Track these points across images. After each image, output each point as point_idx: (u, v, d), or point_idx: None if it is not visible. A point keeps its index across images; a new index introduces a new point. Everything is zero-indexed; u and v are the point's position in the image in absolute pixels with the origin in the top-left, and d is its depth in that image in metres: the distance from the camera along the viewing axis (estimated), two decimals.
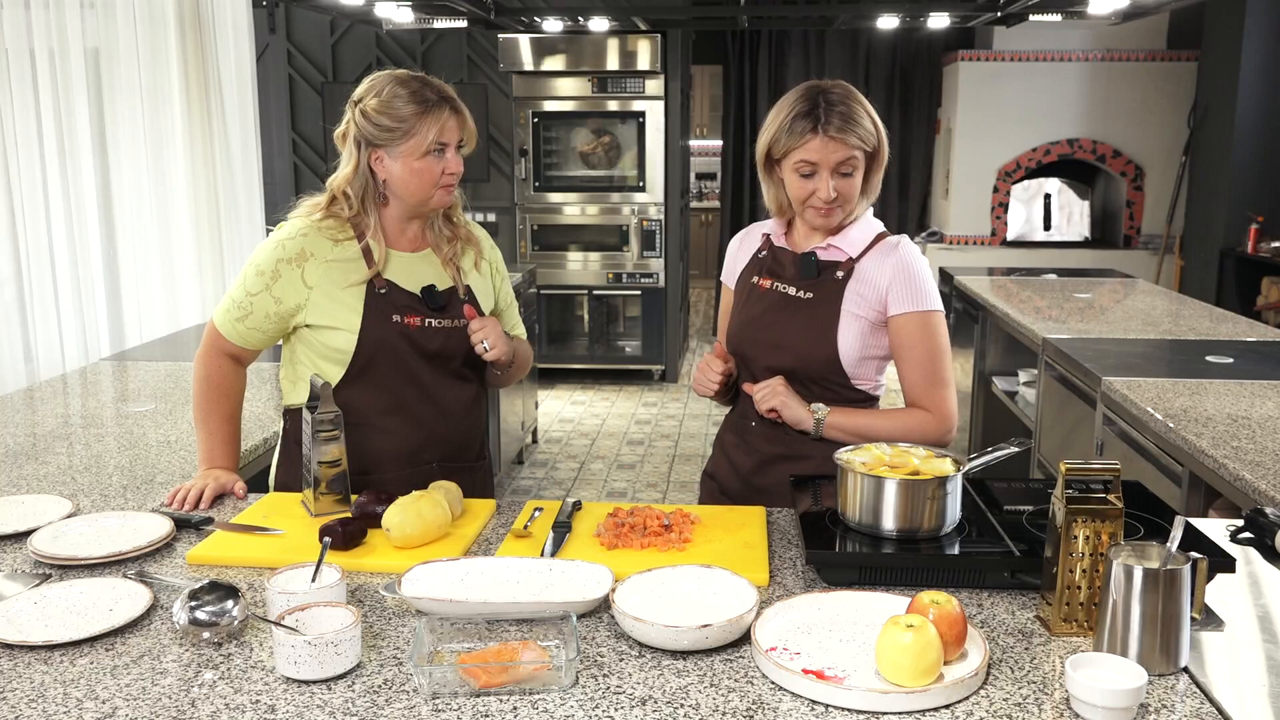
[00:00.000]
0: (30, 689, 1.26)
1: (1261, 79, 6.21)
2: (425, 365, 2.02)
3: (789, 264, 2.06)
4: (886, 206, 8.20)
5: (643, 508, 1.77)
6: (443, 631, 1.36)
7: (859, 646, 1.34)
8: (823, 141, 1.90)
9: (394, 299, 1.99)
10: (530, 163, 6.92)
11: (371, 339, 1.97)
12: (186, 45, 4.44)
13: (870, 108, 1.96)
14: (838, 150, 1.90)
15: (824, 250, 2.03)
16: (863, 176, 1.96)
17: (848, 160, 1.92)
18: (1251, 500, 2.01)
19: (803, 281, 2.02)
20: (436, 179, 1.98)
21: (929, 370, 1.98)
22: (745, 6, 6.74)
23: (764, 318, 2.05)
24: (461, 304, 2.05)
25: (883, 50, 7.90)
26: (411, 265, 2.04)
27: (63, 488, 2.01)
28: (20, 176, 3.74)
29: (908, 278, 1.97)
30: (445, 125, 1.97)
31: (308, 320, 1.97)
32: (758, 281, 2.09)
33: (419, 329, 2.00)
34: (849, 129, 1.90)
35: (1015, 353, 4.34)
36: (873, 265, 1.99)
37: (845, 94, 1.94)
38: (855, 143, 1.91)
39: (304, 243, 1.97)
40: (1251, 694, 1.28)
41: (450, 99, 2.00)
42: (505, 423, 4.92)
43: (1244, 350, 3.28)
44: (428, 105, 1.95)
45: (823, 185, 1.93)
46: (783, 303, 2.03)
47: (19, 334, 3.78)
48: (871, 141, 1.94)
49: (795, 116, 1.92)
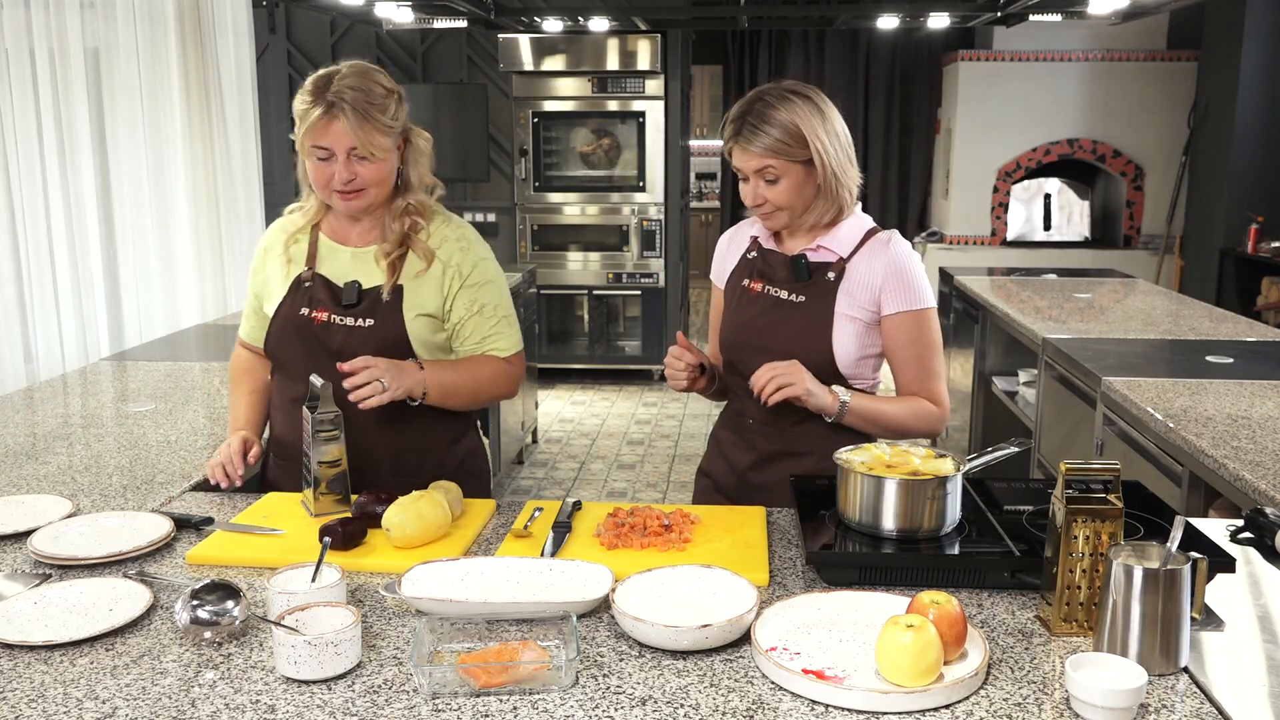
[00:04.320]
0: (30, 689, 1.26)
1: (1261, 79, 6.21)
2: (331, 364, 1.89)
3: (779, 266, 2.05)
4: (886, 207, 8.21)
5: (643, 508, 1.78)
6: (443, 631, 1.36)
7: (859, 646, 1.34)
8: (740, 150, 1.93)
9: (314, 292, 2.00)
10: (530, 163, 6.92)
11: (278, 328, 2.02)
12: (186, 45, 4.44)
13: (803, 112, 1.90)
14: (751, 159, 1.92)
15: (814, 251, 2.02)
16: (800, 181, 1.93)
17: (764, 168, 1.92)
18: (1251, 500, 2.00)
19: (794, 285, 2.01)
20: (326, 181, 1.90)
21: (924, 366, 2.01)
22: (745, 6, 6.74)
23: (756, 322, 2.03)
24: (384, 304, 1.96)
25: (883, 50, 7.90)
26: (350, 259, 2.01)
27: (63, 488, 2.01)
28: (20, 176, 3.73)
29: (901, 277, 1.97)
30: (328, 129, 1.85)
31: (264, 309, 2.07)
32: (749, 285, 2.07)
33: (322, 325, 1.97)
34: (753, 138, 1.90)
35: (1015, 353, 4.34)
36: (864, 264, 1.98)
37: (770, 100, 1.91)
38: (758, 150, 1.90)
39: (270, 238, 2.10)
40: (1251, 694, 1.28)
41: (346, 103, 1.84)
42: (505, 423, 4.92)
43: (1244, 350, 3.28)
44: (315, 103, 1.85)
45: (749, 191, 1.96)
46: (775, 307, 2.02)
47: (19, 334, 3.77)
48: (787, 150, 1.89)
49: (726, 123, 1.96)
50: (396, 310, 1.98)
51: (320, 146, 1.87)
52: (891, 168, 8.14)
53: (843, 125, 1.98)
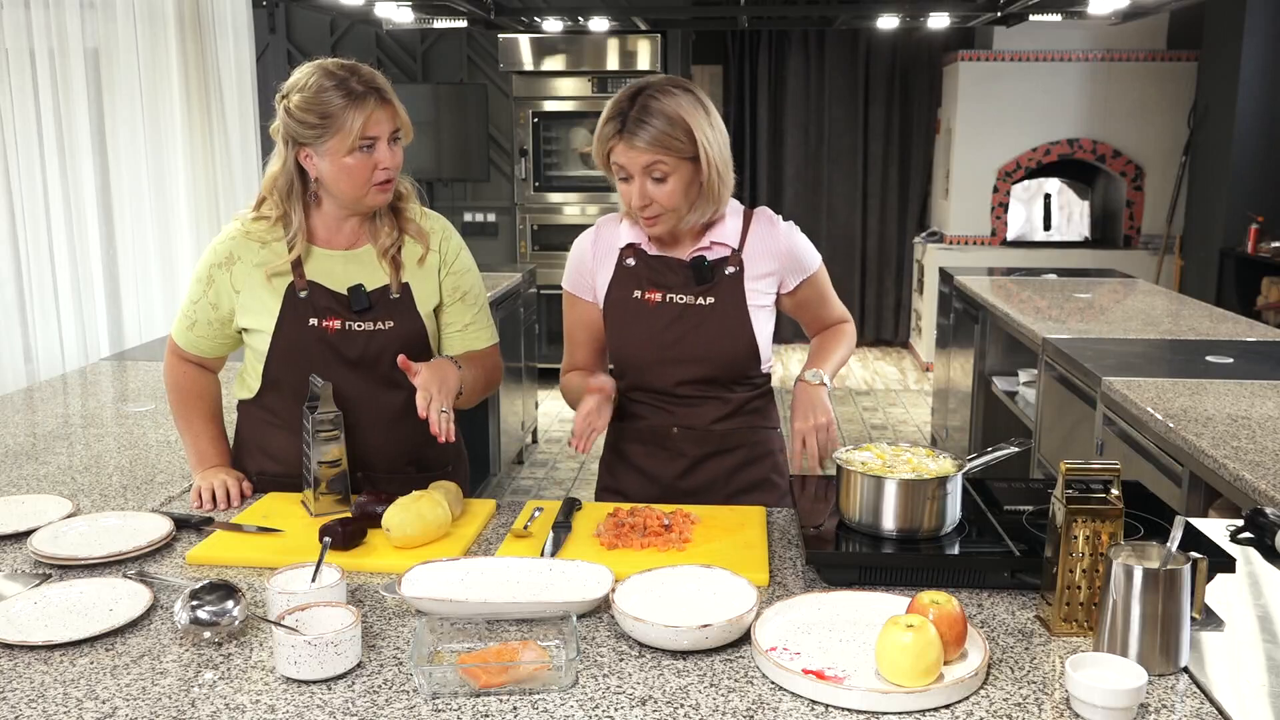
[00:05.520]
0: (30, 689, 1.26)
1: (1261, 79, 6.20)
2: (348, 372, 1.91)
3: (673, 271, 1.97)
4: (886, 207, 8.20)
5: (642, 508, 1.77)
6: (443, 631, 1.36)
7: (859, 646, 1.33)
8: (625, 146, 1.83)
9: (315, 301, 1.91)
10: (530, 163, 6.92)
11: (285, 344, 1.91)
12: (186, 45, 4.44)
13: (687, 105, 1.84)
14: (638, 155, 1.82)
15: (708, 250, 1.98)
16: (688, 180, 1.86)
17: (653, 164, 1.83)
18: (1251, 500, 2.00)
19: (698, 287, 1.96)
20: (368, 176, 1.85)
21: (829, 305, 2.12)
22: (745, 6, 6.74)
23: (666, 334, 1.96)
24: (392, 302, 1.94)
25: (883, 50, 7.90)
26: (343, 264, 1.94)
27: (63, 488, 2.01)
28: (20, 176, 3.74)
29: (797, 257, 2.02)
30: (371, 117, 1.82)
31: (241, 324, 1.95)
32: (643, 296, 1.97)
33: (338, 333, 1.90)
34: (639, 131, 1.81)
35: (1015, 353, 4.34)
36: (757, 253, 1.98)
37: (654, 94, 1.83)
38: (644, 145, 1.81)
39: (232, 246, 1.94)
40: (1251, 694, 1.28)
41: (378, 89, 1.85)
42: (505, 423, 4.92)
43: (1244, 350, 3.28)
44: (352, 97, 1.81)
45: (635, 192, 1.86)
46: (684, 314, 1.96)
47: (19, 334, 3.78)
48: (675, 144, 1.82)
49: (606, 120, 1.86)
50: (411, 307, 1.97)
51: (369, 137, 1.83)
52: (891, 168, 8.13)
53: (723, 125, 1.92)
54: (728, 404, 2.01)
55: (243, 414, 2.05)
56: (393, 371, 1.90)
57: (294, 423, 1.90)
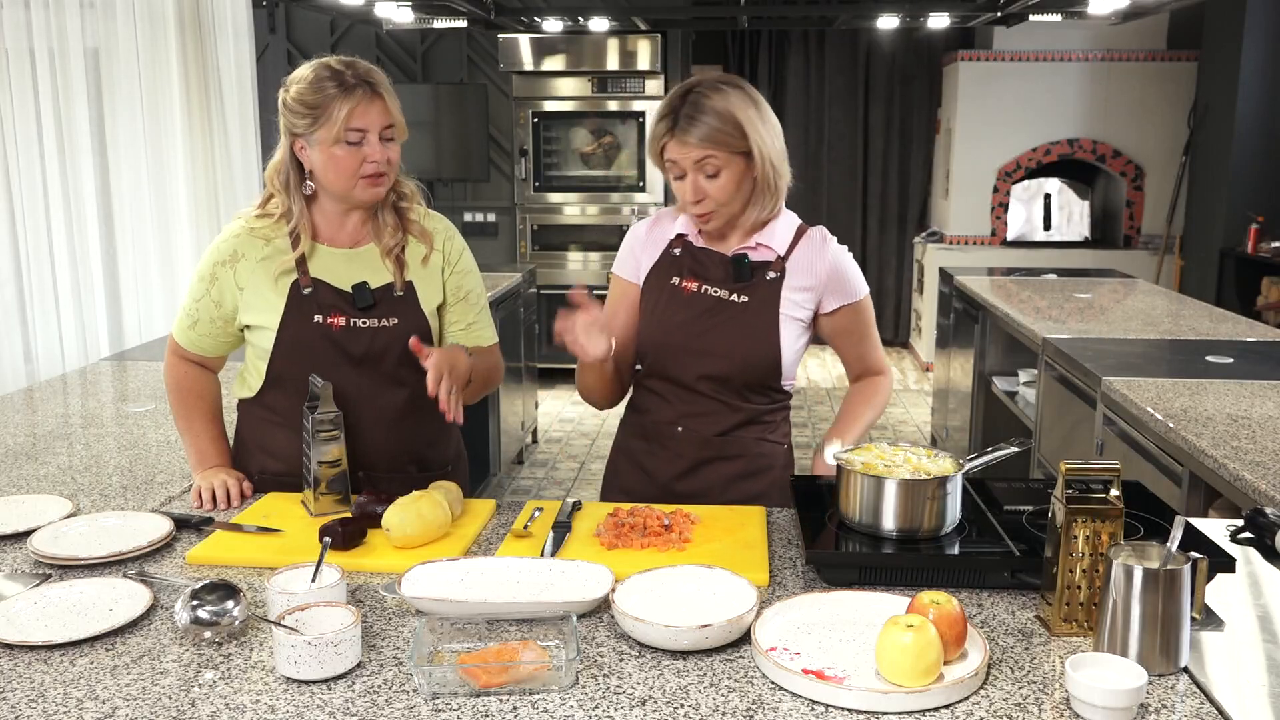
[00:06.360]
0: (30, 689, 1.26)
1: (1261, 79, 6.20)
2: (352, 370, 1.92)
3: (715, 265, 1.99)
4: (886, 207, 8.21)
5: (642, 508, 1.77)
6: (443, 631, 1.36)
7: (859, 646, 1.33)
8: (677, 143, 1.86)
9: (319, 298, 1.91)
10: (530, 163, 6.92)
11: (289, 340, 1.91)
12: (186, 45, 4.44)
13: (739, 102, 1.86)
14: (690, 150, 1.85)
15: (753, 250, 1.98)
16: (740, 175, 1.88)
17: (705, 159, 1.85)
18: (1251, 500, 2.00)
19: (735, 285, 1.97)
20: (355, 169, 1.86)
21: (869, 344, 2.08)
22: (745, 6, 6.74)
23: (694, 324, 1.97)
24: (396, 300, 1.95)
25: (883, 50, 7.90)
26: (347, 261, 1.95)
27: (63, 488, 2.01)
28: (20, 176, 3.74)
29: (841, 278, 1.99)
30: (359, 109, 1.83)
31: (244, 321, 1.95)
32: (680, 283, 1.99)
33: (343, 330, 1.91)
34: (691, 128, 1.83)
35: (1015, 353, 4.34)
36: (803, 264, 1.97)
37: (705, 91, 1.86)
38: (696, 140, 1.84)
39: (236, 244, 1.94)
40: (1251, 694, 1.28)
41: (370, 82, 1.85)
42: (505, 423, 4.92)
43: (1244, 350, 3.28)
44: (342, 88, 1.83)
45: (688, 188, 1.89)
46: (716, 307, 1.96)
47: (19, 334, 3.78)
48: (726, 139, 1.84)
49: (659, 118, 1.89)
50: (416, 305, 1.98)
51: (356, 129, 1.84)
52: (891, 168, 8.13)
53: (776, 121, 1.94)
54: (739, 412, 2.00)
55: (243, 413, 2.05)
56: (396, 369, 1.92)
57: (296, 420, 1.90)
